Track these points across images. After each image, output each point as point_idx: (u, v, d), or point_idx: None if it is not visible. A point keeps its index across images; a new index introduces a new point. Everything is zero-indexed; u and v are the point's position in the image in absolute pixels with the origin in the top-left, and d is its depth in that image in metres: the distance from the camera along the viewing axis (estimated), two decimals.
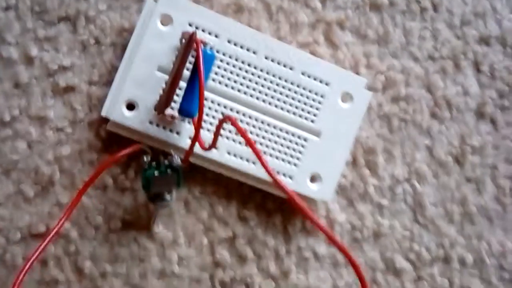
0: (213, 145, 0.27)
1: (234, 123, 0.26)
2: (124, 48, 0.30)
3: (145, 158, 0.29)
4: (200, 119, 0.27)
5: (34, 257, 0.27)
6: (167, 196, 0.29)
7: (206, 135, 0.29)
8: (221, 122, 0.26)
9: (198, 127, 0.27)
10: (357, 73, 0.33)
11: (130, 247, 0.31)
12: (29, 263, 0.27)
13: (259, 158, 0.25)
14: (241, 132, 0.26)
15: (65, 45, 0.30)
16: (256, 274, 0.32)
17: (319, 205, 0.32)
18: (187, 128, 0.29)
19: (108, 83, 0.30)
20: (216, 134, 0.27)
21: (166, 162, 0.29)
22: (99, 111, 0.29)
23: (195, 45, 0.27)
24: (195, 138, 0.27)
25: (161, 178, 0.29)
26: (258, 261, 0.32)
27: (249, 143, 0.26)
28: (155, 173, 0.28)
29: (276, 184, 0.24)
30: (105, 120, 0.29)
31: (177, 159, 0.29)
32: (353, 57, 0.33)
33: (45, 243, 0.27)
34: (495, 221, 0.35)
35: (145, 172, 0.29)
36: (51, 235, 0.27)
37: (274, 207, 0.32)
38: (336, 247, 0.26)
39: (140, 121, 0.29)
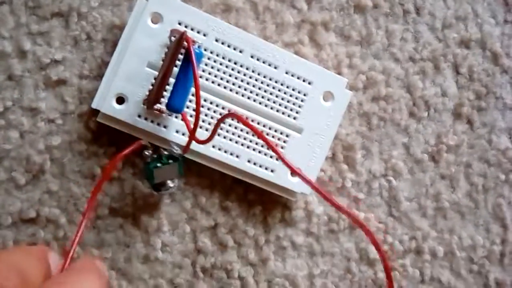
0: (210, 138, 0.28)
1: (240, 119, 0.28)
2: (114, 44, 0.31)
3: (146, 153, 0.30)
4: (197, 113, 0.27)
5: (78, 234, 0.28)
6: (170, 183, 0.31)
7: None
8: (223, 117, 0.28)
9: (196, 120, 0.28)
10: (340, 73, 0.34)
11: (116, 233, 0.32)
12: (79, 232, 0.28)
13: (274, 151, 0.27)
14: (247, 125, 0.27)
15: (57, 40, 0.31)
16: (236, 262, 0.33)
17: (299, 197, 0.33)
18: (174, 121, 0.31)
19: (98, 77, 0.31)
20: (215, 128, 0.28)
21: (166, 153, 0.30)
22: (89, 103, 0.31)
23: (185, 43, 0.28)
24: (194, 129, 0.28)
25: (163, 168, 0.30)
26: (238, 249, 0.33)
27: (255, 132, 0.27)
28: (158, 165, 0.30)
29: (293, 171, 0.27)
30: (95, 113, 0.30)
31: (177, 149, 0.30)
32: (336, 57, 0.34)
33: (81, 230, 0.29)
34: (466, 216, 0.36)
35: (148, 165, 0.30)
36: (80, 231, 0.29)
37: (255, 199, 0.33)
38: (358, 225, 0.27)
39: (129, 114, 0.30)
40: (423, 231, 0.36)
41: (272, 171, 0.32)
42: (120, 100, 0.30)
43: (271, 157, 0.32)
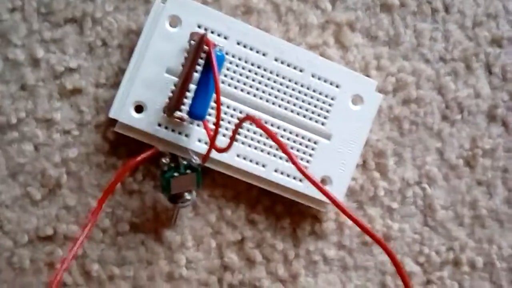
0: (229, 146, 0.27)
1: (257, 123, 0.26)
2: (131, 50, 0.29)
3: (163, 160, 0.28)
4: (218, 119, 0.26)
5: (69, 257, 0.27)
6: (187, 196, 0.29)
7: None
8: (241, 121, 0.26)
9: (216, 127, 0.26)
10: (368, 75, 0.32)
11: (138, 250, 0.30)
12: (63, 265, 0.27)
13: (286, 152, 0.25)
14: (266, 130, 0.26)
15: (71, 47, 0.30)
16: (264, 278, 0.32)
17: (329, 208, 0.32)
18: (196, 130, 0.29)
19: (115, 85, 0.30)
20: (234, 134, 0.26)
21: (185, 162, 0.29)
22: (106, 113, 0.29)
23: (205, 46, 0.27)
24: (214, 137, 0.27)
25: (181, 178, 0.28)
26: (267, 264, 0.32)
27: (274, 139, 0.25)
28: (175, 174, 0.28)
29: (314, 184, 0.25)
30: (112, 123, 0.29)
31: (196, 159, 0.28)
32: (364, 59, 0.32)
33: (76, 247, 0.27)
34: (505, 224, 0.34)
35: (165, 174, 0.28)
36: (80, 239, 0.27)
37: (283, 211, 0.32)
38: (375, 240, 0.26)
39: (149, 123, 0.29)
40: (461, 241, 0.34)
41: (300, 180, 0.31)
42: (139, 108, 0.29)
43: None
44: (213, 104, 0.29)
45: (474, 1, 0.34)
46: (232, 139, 0.26)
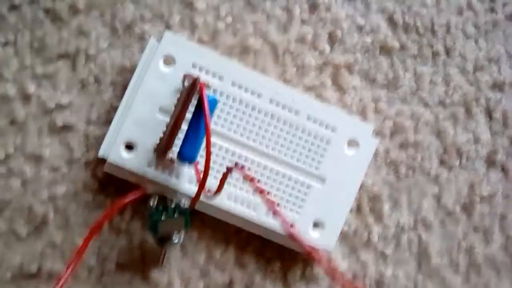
0: (218, 191, 0.27)
1: (243, 172, 0.26)
2: (124, 87, 0.29)
3: (151, 202, 0.28)
4: (207, 168, 0.26)
5: None
6: (175, 238, 0.28)
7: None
8: (228, 170, 0.26)
9: (205, 175, 0.26)
10: (365, 118, 0.32)
11: None
12: None
13: (274, 210, 0.25)
14: (251, 181, 0.26)
15: (63, 83, 0.29)
16: None
17: (321, 251, 0.31)
18: (186, 171, 0.29)
19: (107, 122, 0.29)
20: (222, 181, 0.26)
21: (173, 205, 0.28)
22: (97, 151, 0.29)
23: (198, 90, 0.27)
24: (203, 182, 0.26)
25: (168, 221, 0.28)
26: None
27: (260, 193, 0.25)
28: (162, 217, 0.28)
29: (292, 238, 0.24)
30: (102, 160, 0.29)
31: (184, 202, 0.28)
32: (361, 102, 0.32)
33: (60, 285, 0.26)
34: (502, 272, 0.34)
35: (152, 217, 0.28)
36: (65, 277, 0.27)
37: (273, 254, 0.31)
38: None
39: (138, 163, 0.28)
40: None
41: (291, 226, 0.30)
42: (129, 147, 0.28)
43: (290, 210, 0.30)
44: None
45: (476, 45, 0.34)
46: (221, 187, 0.26)
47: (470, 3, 0.34)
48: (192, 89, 0.27)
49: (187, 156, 0.27)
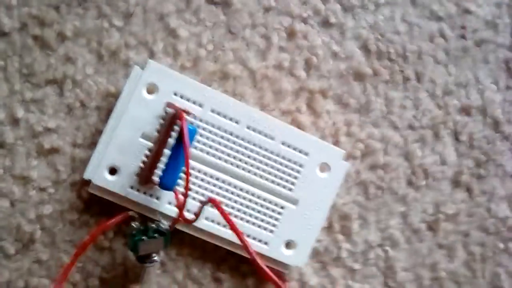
0: (195, 220, 0.28)
1: (218, 207, 0.28)
2: (109, 112, 0.30)
3: (134, 225, 0.29)
4: (185, 195, 0.28)
5: None
6: (155, 256, 0.30)
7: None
8: (203, 204, 0.28)
9: (184, 202, 0.28)
10: (337, 141, 0.33)
11: None
12: None
13: (241, 240, 0.28)
14: (224, 216, 0.28)
15: (51, 107, 0.30)
16: None
17: (292, 267, 0.33)
18: (166, 193, 0.30)
19: (92, 145, 0.30)
20: (198, 213, 0.28)
21: (154, 226, 0.30)
22: (82, 172, 0.30)
23: (179, 121, 0.28)
24: (181, 210, 0.28)
25: (149, 242, 0.29)
26: None
27: (232, 227, 0.28)
28: (143, 237, 0.29)
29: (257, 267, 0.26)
30: (88, 182, 0.30)
31: (164, 224, 0.30)
32: (334, 125, 0.33)
33: None
34: (464, 286, 0.35)
35: (134, 237, 0.29)
36: None
37: (248, 270, 0.33)
38: None
39: (121, 185, 0.30)
40: None
41: (266, 243, 0.32)
42: (113, 171, 0.30)
43: (265, 229, 0.31)
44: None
45: (445, 70, 0.35)
46: (197, 216, 0.28)
47: (442, 30, 0.35)
48: (173, 120, 0.28)
49: (166, 185, 0.29)
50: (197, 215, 0.28)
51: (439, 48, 0.35)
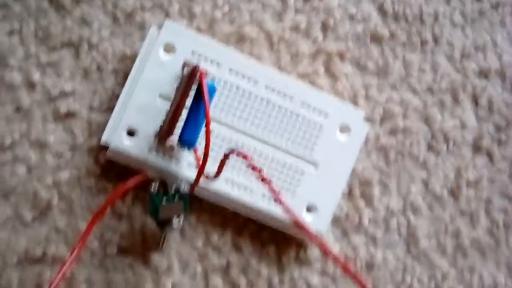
0: (217, 175, 0.28)
1: (244, 156, 0.27)
2: (125, 75, 0.30)
3: (152, 187, 0.29)
4: (206, 153, 0.27)
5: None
6: (175, 221, 0.29)
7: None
8: (227, 155, 0.27)
9: (204, 161, 0.27)
10: (356, 104, 0.33)
11: (125, 273, 0.31)
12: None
13: (278, 199, 0.28)
14: (251, 166, 0.27)
15: (67, 70, 0.30)
16: None
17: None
18: (186, 156, 0.30)
19: (109, 109, 0.30)
20: (221, 166, 0.27)
21: (173, 190, 0.29)
22: (99, 137, 0.29)
23: (198, 77, 0.27)
24: (202, 167, 0.27)
25: (168, 206, 0.29)
26: None
27: (260, 175, 0.27)
28: (163, 201, 0.29)
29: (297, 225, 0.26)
30: (105, 146, 0.29)
31: (184, 187, 0.29)
32: (352, 89, 0.33)
33: (64, 268, 0.27)
34: (487, 254, 0.35)
35: (153, 201, 0.29)
36: (69, 261, 0.27)
37: (268, 237, 0.32)
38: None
39: (140, 148, 0.29)
40: (443, 270, 0.34)
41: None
42: (131, 133, 0.29)
43: (285, 193, 0.31)
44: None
45: (462, 33, 0.35)
46: (219, 171, 0.27)
47: None
48: (192, 77, 0.28)
49: (187, 141, 0.28)
50: (219, 169, 0.27)
51: (456, 10, 0.35)
